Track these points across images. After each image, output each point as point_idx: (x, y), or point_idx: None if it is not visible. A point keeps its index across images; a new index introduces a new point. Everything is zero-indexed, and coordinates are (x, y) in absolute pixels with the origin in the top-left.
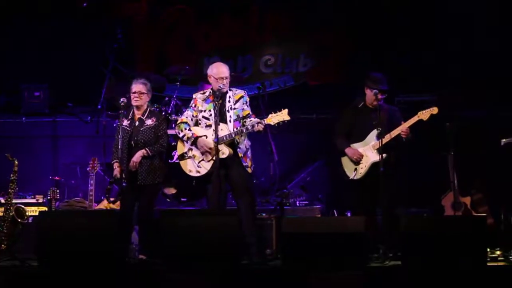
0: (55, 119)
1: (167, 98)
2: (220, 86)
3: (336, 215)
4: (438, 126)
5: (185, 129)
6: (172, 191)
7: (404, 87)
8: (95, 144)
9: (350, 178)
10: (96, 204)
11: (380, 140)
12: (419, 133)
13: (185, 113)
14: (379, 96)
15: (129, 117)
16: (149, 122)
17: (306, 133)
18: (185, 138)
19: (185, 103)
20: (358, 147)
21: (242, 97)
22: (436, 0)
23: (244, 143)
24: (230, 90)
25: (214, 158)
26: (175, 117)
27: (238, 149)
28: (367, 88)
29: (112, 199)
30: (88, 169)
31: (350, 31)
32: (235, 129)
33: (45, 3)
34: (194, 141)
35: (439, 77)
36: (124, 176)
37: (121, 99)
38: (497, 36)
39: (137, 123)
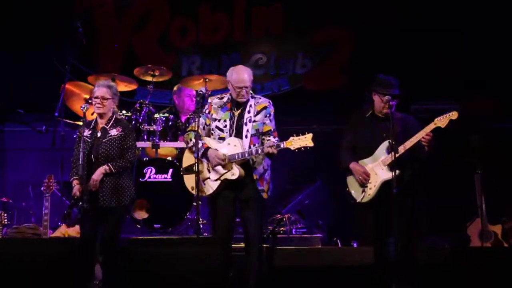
0: (2, 129)
1: (138, 104)
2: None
3: (340, 245)
4: (462, 140)
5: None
6: (143, 215)
7: (422, 93)
8: (50, 159)
9: (357, 201)
10: (52, 231)
11: (391, 154)
12: (440, 147)
13: (196, 120)
14: (390, 103)
15: (91, 126)
16: (113, 132)
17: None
18: (193, 148)
19: (159, 109)
20: (366, 163)
21: (265, 108)
22: None
23: (262, 164)
24: (253, 97)
25: (222, 178)
26: (147, 126)
27: (253, 170)
28: (375, 94)
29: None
30: (42, 188)
31: (356, 28)
32: (251, 147)
33: None
34: (204, 153)
35: (463, 82)
36: (85, 196)
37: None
38: None
39: (99, 133)
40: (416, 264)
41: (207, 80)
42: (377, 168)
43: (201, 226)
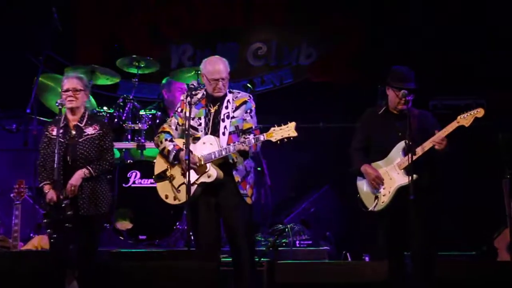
0: None
1: (121, 100)
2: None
3: (349, 259)
4: (488, 139)
5: (166, 140)
6: (126, 225)
7: (441, 88)
8: (22, 161)
9: (369, 209)
10: (23, 244)
11: (408, 157)
12: (463, 148)
13: (168, 120)
14: (407, 98)
15: (61, 124)
16: (90, 130)
17: (310, 148)
18: (165, 151)
19: (145, 105)
20: (380, 166)
21: (245, 102)
22: None
23: (244, 164)
24: (230, 92)
25: (198, 182)
26: (132, 125)
27: (234, 172)
28: (389, 88)
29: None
30: (12, 195)
31: (368, 14)
32: (230, 145)
33: None
34: (177, 155)
35: (487, 75)
36: (64, 200)
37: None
38: None
39: (73, 132)
40: (436, 280)
41: (199, 72)
42: (392, 172)
43: (192, 237)
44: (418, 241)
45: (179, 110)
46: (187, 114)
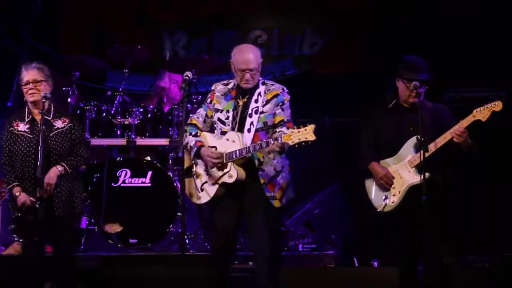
0: None
1: (109, 93)
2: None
3: (357, 264)
4: (509, 136)
5: (191, 134)
6: (116, 228)
7: (459, 78)
8: None
9: (378, 210)
10: (3, 248)
11: (420, 153)
12: (481, 144)
13: (197, 112)
14: (418, 90)
15: (27, 119)
16: (59, 124)
17: (315, 144)
18: (188, 146)
19: (136, 98)
20: (389, 164)
21: (276, 95)
22: None
23: (274, 164)
24: (264, 84)
25: (219, 182)
26: (122, 119)
27: (260, 172)
28: (399, 80)
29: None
30: None
31: None
32: (251, 145)
33: None
34: (197, 152)
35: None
36: (39, 204)
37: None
38: None
39: (39, 126)
40: (451, 287)
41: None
42: (403, 170)
43: (187, 241)
44: (431, 246)
45: (209, 101)
46: (214, 106)
